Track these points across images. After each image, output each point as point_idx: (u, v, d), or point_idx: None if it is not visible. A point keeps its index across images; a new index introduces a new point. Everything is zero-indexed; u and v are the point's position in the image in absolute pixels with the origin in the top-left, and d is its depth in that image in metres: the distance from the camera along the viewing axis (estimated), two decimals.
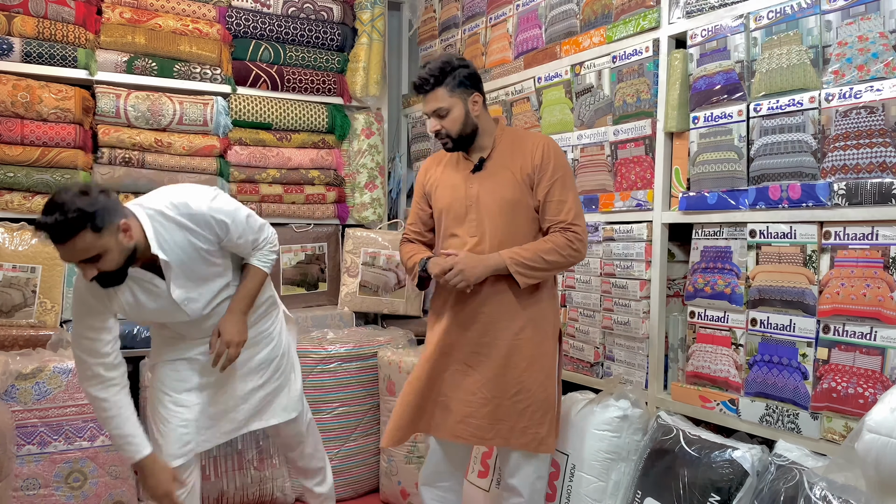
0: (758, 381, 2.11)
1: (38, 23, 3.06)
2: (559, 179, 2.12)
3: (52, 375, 2.61)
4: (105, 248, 1.84)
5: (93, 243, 1.81)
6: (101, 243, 1.83)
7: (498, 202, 2.13)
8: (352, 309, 3.60)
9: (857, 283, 1.87)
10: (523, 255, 2.07)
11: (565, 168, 2.16)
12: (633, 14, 2.54)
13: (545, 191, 2.12)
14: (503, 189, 2.13)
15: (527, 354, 2.14)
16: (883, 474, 1.51)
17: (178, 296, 2.06)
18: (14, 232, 2.96)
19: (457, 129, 2.14)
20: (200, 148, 3.35)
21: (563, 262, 2.10)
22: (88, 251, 1.82)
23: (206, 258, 2.07)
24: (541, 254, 2.07)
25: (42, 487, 2.55)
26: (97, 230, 1.80)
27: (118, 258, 1.89)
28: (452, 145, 2.18)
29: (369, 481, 3.21)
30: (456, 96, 2.13)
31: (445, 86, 2.12)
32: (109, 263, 1.88)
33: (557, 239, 2.09)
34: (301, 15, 3.67)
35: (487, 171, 2.18)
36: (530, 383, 2.13)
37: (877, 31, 1.84)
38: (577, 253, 2.11)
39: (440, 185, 2.26)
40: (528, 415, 2.13)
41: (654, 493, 2.16)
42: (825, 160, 1.95)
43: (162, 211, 1.98)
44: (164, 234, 1.98)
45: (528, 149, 2.15)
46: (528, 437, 2.13)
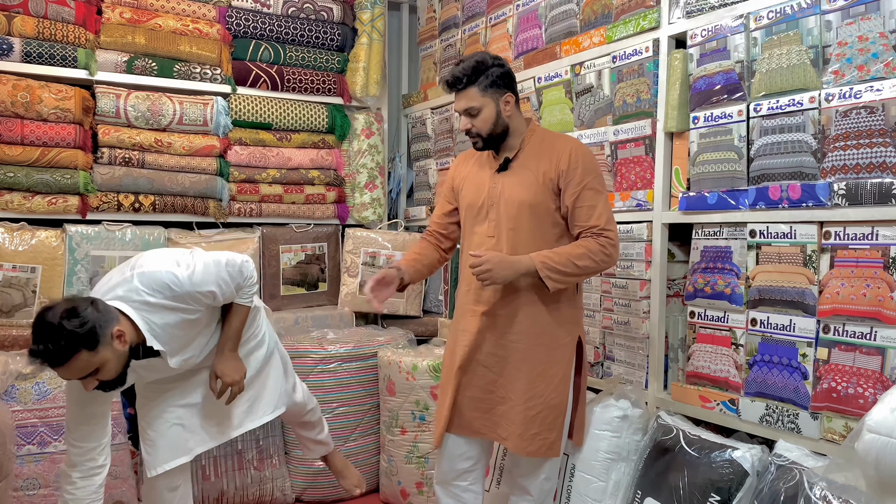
0: (758, 381, 2.11)
1: (38, 23, 3.06)
2: (589, 183, 2.08)
3: (52, 375, 2.60)
4: (102, 362, 1.83)
5: (89, 361, 1.80)
6: (97, 359, 1.82)
7: (517, 204, 2.12)
8: (352, 309, 3.60)
9: (857, 283, 1.87)
10: (554, 259, 2.03)
11: (595, 172, 2.12)
12: (633, 14, 2.55)
13: (573, 196, 2.08)
14: (524, 191, 2.11)
15: (542, 359, 2.12)
16: (883, 474, 1.51)
17: (176, 363, 2.07)
18: (14, 232, 2.96)
19: (487, 128, 2.13)
20: (200, 148, 3.35)
21: (594, 267, 2.06)
22: (87, 369, 1.81)
23: (195, 323, 2.06)
24: (573, 259, 2.03)
25: (42, 487, 2.55)
26: (92, 348, 1.79)
27: (117, 366, 1.88)
28: (483, 144, 2.17)
29: (369, 481, 3.20)
30: (488, 96, 2.11)
31: (478, 85, 2.10)
32: (109, 373, 1.87)
33: (590, 244, 2.05)
34: (301, 15, 3.67)
35: (512, 171, 2.16)
36: (543, 388, 2.11)
37: (877, 31, 1.84)
38: (609, 258, 2.07)
39: (467, 181, 2.27)
40: (539, 421, 2.11)
41: (654, 492, 2.16)
42: (825, 160, 1.95)
43: (146, 301, 1.93)
44: (156, 321, 1.95)
45: (555, 152, 2.12)
46: (537, 443, 2.11)
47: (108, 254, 3.10)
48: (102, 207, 3.17)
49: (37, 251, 2.96)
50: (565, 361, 2.15)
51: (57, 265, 3.00)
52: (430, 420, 2.90)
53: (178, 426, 2.19)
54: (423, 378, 2.91)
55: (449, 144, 3.68)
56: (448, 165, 3.69)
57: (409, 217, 4.01)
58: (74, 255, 3.04)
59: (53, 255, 2.99)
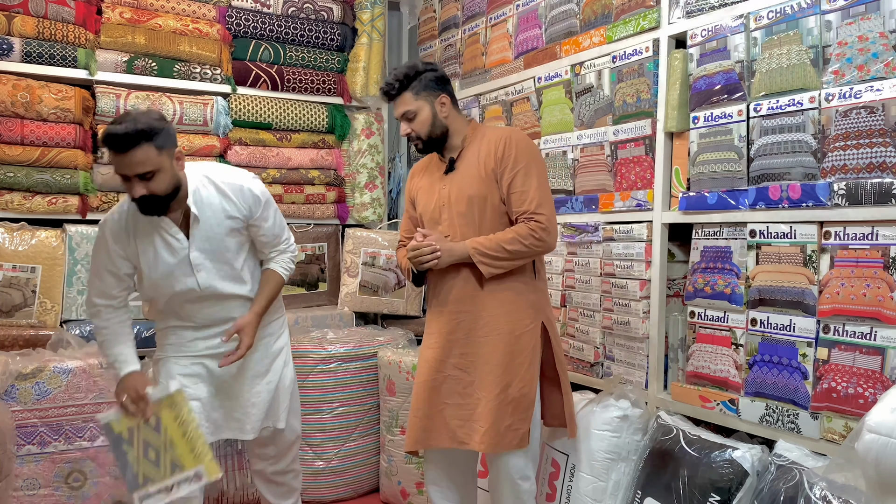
0: (758, 381, 2.11)
1: (38, 23, 3.06)
2: (522, 169, 2.12)
3: (52, 375, 2.60)
4: (160, 167, 1.96)
5: (151, 158, 1.94)
6: (157, 160, 1.95)
7: (465, 200, 2.16)
8: (352, 309, 3.60)
9: (857, 283, 1.87)
10: (486, 244, 2.09)
11: (529, 157, 2.14)
12: (633, 14, 2.54)
13: (508, 182, 2.13)
14: (469, 186, 2.16)
15: (509, 349, 2.13)
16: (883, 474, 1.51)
17: (195, 258, 2.13)
18: (14, 232, 2.96)
19: (426, 130, 2.19)
20: (200, 148, 3.35)
21: (526, 251, 2.09)
22: (145, 165, 1.93)
23: (231, 230, 2.17)
24: (502, 243, 2.07)
25: (42, 487, 2.55)
26: (158, 147, 1.95)
27: (167, 182, 2.00)
28: (423, 146, 2.23)
29: (369, 481, 3.21)
30: (422, 99, 2.18)
31: (411, 90, 2.17)
32: (159, 185, 1.98)
33: (520, 228, 2.09)
34: (301, 15, 3.67)
35: (457, 170, 2.22)
36: (511, 377, 2.12)
37: (877, 31, 1.84)
38: (542, 242, 2.09)
39: (421, 191, 2.32)
40: (511, 411, 2.11)
41: (654, 493, 2.16)
42: (825, 160, 1.95)
43: (206, 175, 2.15)
44: (202, 193, 2.13)
45: (492, 143, 2.17)
46: (510, 436, 2.10)
47: None
48: (102, 207, 3.17)
49: (37, 251, 2.96)
50: (530, 348, 2.15)
51: (57, 265, 3.00)
52: None
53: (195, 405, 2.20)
54: None
55: None
56: None
57: None
58: (74, 255, 3.04)
59: (53, 255, 2.99)
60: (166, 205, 2.04)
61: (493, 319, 2.15)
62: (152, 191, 1.98)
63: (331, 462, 3.07)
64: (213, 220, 2.14)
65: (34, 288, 2.95)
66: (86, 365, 2.67)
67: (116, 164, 1.95)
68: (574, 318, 2.78)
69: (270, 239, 2.27)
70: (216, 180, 2.15)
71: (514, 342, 2.14)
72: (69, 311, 3.04)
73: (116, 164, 1.95)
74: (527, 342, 2.15)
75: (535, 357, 2.17)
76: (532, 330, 2.17)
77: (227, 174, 2.19)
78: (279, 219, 2.29)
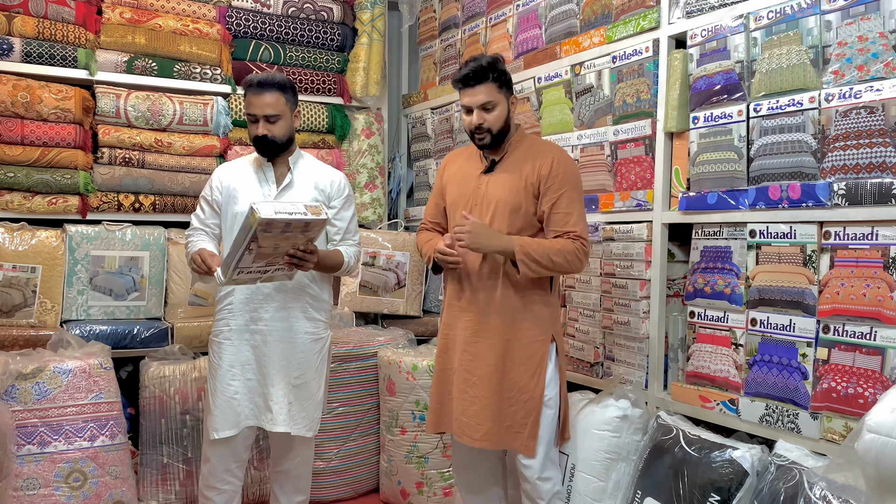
0: (758, 381, 2.11)
1: (38, 23, 3.06)
2: (567, 192, 2.15)
3: (52, 375, 2.60)
4: (282, 112, 2.36)
5: (277, 101, 2.35)
6: (281, 107, 2.36)
7: (500, 205, 2.19)
8: (352, 309, 3.60)
9: (857, 283, 1.87)
10: (534, 246, 2.10)
11: (574, 182, 2.19)
12: (633, 14, 2.55)
13: (551, 202, 2.15)
14: (507, 193, 2.18)
15: (514, 356, 2.17)
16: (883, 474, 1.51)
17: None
18: (14, 232, 2.95)
19: (498, 125, 2.18)
20: (200, 148, 3.35)
21: (566, 267, 2.13)
22: (274, 107, 2.34)
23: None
24: (550, 252, 2.10)
25: (42, 487, 2.55)
26: (285, 94, 2.36)
27: (285, 130, 2.39)
28: (490, 141, 2.20)
29: (369, 481, 3.21)
30: (502, 94, 2.19)
31: (496, 81, 2.16)
32: (279, 130, 2.37)
33: (567, 245, 2.12)
34: (301, 15, 3.67)
35: (497, 173, 2.23)
36: (514, 383, 2.16)
37: (877, 31, 1.84)
38: (581, 263, 2.15)
39: (453, 180, 2.34)
40: (511, 414, 2.15)
41: (654, 492, 2.16)
42: (825, 160, 1.95)
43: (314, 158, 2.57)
44: (306, 160, 2.52)
45: (539, 158, 2.19)
46: (510, 436, 2.16)
47: (108, 254, 3.10)
48: (102, 207, 3.17)
49: (37, 251, 2.96)
50: (537, 358, 2.17)
51: (57, 265, 3.00)
52: None
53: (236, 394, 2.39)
54: (423, 378, 2.91)
55: (449, 144, 3.68)
56: None
57: (409, 217, 4.01)
58: (74, 254, 3.04)
59: (53, 255, 2.99)
60: (279, 150, 2.40)
61: (501, 323, 2.18)
62: (273, 133, 2.35)
63: (331, 462, 3.07)
64: (303, 185, 2.44)
65: (34, 288, 2.95)
66: (86, 365, 2.67)
67: (250, 105, 2.35)
68: (574, 318, 2.78)
69: (341, 234, 2.48)
70: (320, 162, 2.56)
71: (521, 349, 2.17)
72: (69, 311, 3.03)
73: (250, 104, 2.35)
74: (535, 351, 2.18)
75: (541, 366, 2.18)
76: (541, 341, 2.19)
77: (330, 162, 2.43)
78: (354, 223, 2.54)
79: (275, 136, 2.37)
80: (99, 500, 2.64)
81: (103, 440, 2.66)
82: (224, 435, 2.36)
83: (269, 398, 2.39)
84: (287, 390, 2.39)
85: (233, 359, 2.40)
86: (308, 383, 2.43)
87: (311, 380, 2.44)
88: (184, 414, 2.89)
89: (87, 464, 2.63)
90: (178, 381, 2.90)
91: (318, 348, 2.47)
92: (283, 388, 2.39)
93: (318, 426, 2.48)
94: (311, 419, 2.44)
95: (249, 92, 2.37)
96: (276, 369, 2.39)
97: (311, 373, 2.44)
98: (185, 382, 2.91)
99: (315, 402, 2.45)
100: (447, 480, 2.92)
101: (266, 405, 2.40)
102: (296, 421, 2.40)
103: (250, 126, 2.40)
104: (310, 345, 2.44)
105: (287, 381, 2.40)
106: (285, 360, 2.40)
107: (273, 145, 2.39)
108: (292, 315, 2.41)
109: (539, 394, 2.17)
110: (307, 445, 2.54)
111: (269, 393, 2.39)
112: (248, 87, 2.37)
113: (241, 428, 2.39)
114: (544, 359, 2.18)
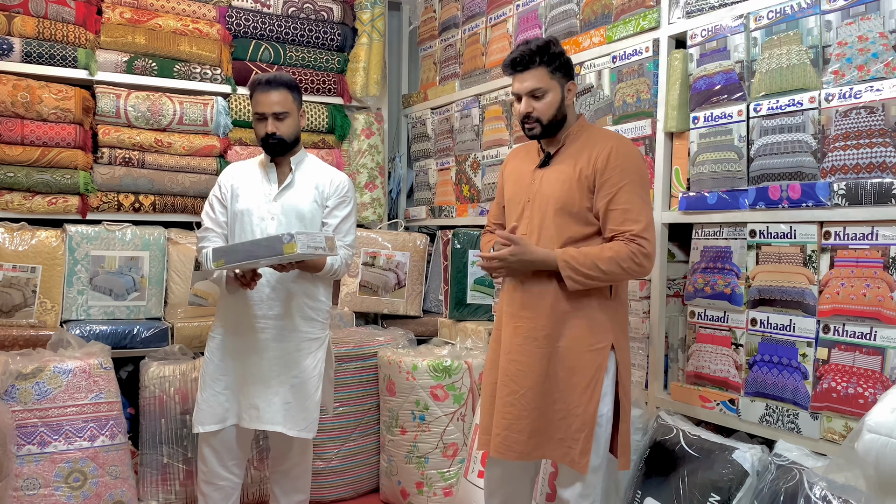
0: (758, 381, 2.11)
1: (39, 23, 3.06)
2: (627, 185, 1.94)
3: (52, 375, 2.60)
4: (291, 110, 2.39)
5: (286, 100, 2.38)
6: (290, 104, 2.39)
7: (551, 201, 2.01)
8: (352, 309, 3.60)
9: (857, 283, 1.87)
10: (579, 258, 1.92)
11: (636, 174, 1.98)
12: (633, 14, 2.55)
13: (608, 198, 1.95)
14: (559, 189, 2.01)
15: (568, 365, 1.98)
16: (883, 474, 1.51)
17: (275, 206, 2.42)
18: (14, 232, 2.95)
19: (549, 114, 2.01)
20: (200, 148, 3.35)
21: (621, 274, 1.92)
22: (282, 105, 2.37)
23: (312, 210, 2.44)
24: (597, 261, 1.91)
25: (42, 487, 2.55)
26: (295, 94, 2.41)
27: (292, 129, 2.41)
28: (540, 131, 2.03)
29: (369, 481, 3.21)
30: (555, 80, 2.01)
31: (547, 66, 1.99)
32: (287, 129, 2.39)
33: (621, 249, 1.91)
34: (301, 15, 3.67)
35: (552, 166, 2.06)
36: (567, 394, 1.98)
37: (877, 31, 1.84)
38: (640, 268, 1.92)
39: (511, 177, 2.19)
40: (564, 427, 1.97)
41: (654, 493, 2.16)
42: (825, 160, 1.95)
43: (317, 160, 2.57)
44: (306, 162, 2.52)
45: (595, 149, 2.00)
46: (562, 449, 1.98)
47: (108, 254, 3.10)
48: (102, 207, 3.17)
49: (37, 251, 2.96)
50: (594, 368, 1.97)
51: (57, 265, 3.00)
52: (430, 420, 2.90)
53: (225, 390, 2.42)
54: (423, 378, 2.91)
55: (449, 144, 3.68)
56: (448, 166, 3.69)
57: (409, 217, 4.01)
58: (74, 255, 3.04)
59: (53, 255, 2.99)
60: (287, 149, 2.42)
61: (554, 332, 1.99)
62: (281, 131, 2.37)
63: (331, 462, 3.07)
64: (303, 185, 2.45)
65: (34, 288, 2.95)
66: (86, 365, 2.67)
67: (258, 103, 2.38)
68: None
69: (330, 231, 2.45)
70: (323, 163, 2.57)
71: (573, 358, 1.98)
72: (69, 311, 3.03)
73: (258, 102, 2.38)
74: (589, 361, 1.97)
75: (597, 377, 1.96)
76: (599, 350, 1.98)
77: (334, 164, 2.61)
78: (349, 225, 2.51)
79: (283, 134, 2.39)
80: (99, 500, 2.64)
81: (103, 440, 2.66)
82: (207, 429, 2.38)
83: (260, 397, 2.38)
84: (284, 390, 2.39)
85: (226, 356, 2.42)
86: (306, 383, 2.43)
87: (308, 379, 2.43)
88: (184, 414, 2.89)
89: (87, 464, 2.63)
90: (178, 381, 2.90)
91: (315, 348, 2.47)
92: (278, 388, 2.38)
93: (316, 427, 2.47)
94: (309, 420, 2.43)
95: (258, 90, 2.38)
96: (271, 369, 2.39)
97: (309, 372, 2.44)
98: (185, 382, 2.91)
99: (313, 402, 2.45)
100: (447, 480, 2.92)
101: (255, 404, 2.39)
102: (295, 422, 2.40)
103: (257, 125, 2.41)
104: (306, 344, 2.44)
105: (283, 381, 2.39)
106: (281, 360, 2.40)
107: (281, 143, 2.40)
108: (289, 315, 2.42)
109: (593, 410, 1.95)
110: (306, 446, 2.54)
111: (260, 392, 2.38)
112: (257, 85, 2.38)
113: (226, 424, 2.40)
114: (600, 371, 1.96)
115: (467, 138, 3.50)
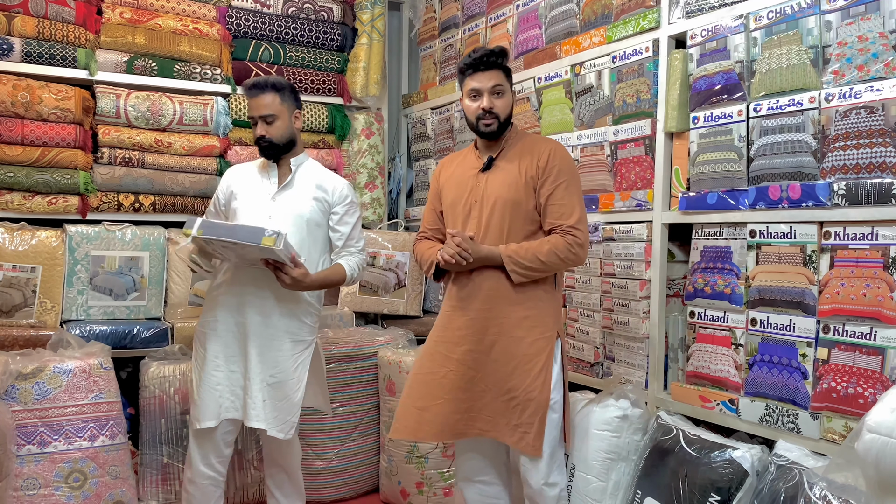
0: (758, 381, 2.11)
1: (38, 23, 3.06)
2: (564, 183, 2.14)
3: (52, 375, 2.60)
4: (280, 112, 2.40)
5: (273, 102, 2.39)
6: (278, 107, 2.40)
7: (500, 202, 2.17)
8: (352, 309, 3.60)
9: (857, 283, 1.87)
10: (521, 253, 2.10)
11: (571, 174, 2.18)
12: (633, 14, 2.55)
13: (548, 193, 2.14)
14: (506, 190, 2.16)
15: (520, 353, 2.13)
16: (883, 474, 1.51)
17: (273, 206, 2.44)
18: (14, 232, 2.95)
19: (506, 113, 2.19)
20: (200, 148, 3.35)
21: (559, 264, 2.12)
22: (269, 107, 2.39)
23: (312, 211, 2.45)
24: (537, 254, 2.09)
25: (42, 487, 2.55)
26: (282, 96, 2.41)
27: (282, 131, 2.42)
28: (497, 128, 2.20)
29: (369, 481, 3.21)
30: (508, 83, 2.21)
31: (503, 70, 2.18)
32: (276, 131, 2.41)
33: (557, 241, 2.11)
34: (301, 15, 3.67)
35: (494, 171, 2.22)
36: (520, 381, 2.11)
37: (877, 32, 1.84)
38: (576, 257, 2.12)
39: (449, 182, 2.31)
40: (518, 412, 2.11)
41: (654, 493, 2.16)
42: (825, 160, 1.95)
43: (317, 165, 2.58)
44: (308, 164, 2.54)
45: (536, 151, 2.19)
46: (517, 435, 2.11)
47: (108, 254, 3.10)
48: (102, 207, 3.17)
49: (37, 251, 2.96)
50: (544, 355, 2.13)
51: (57, 265, 3.00)
52: None
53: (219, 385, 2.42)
54: None
55: (449, 144, 3.68)
56: None
57: (409, 217, 4.01)
58: (74, 255, 3.04)
59: (53, 255, 2.99)
60: (279, 151, 2.45)
61: (507, 322, 2.15)
62: (270, 134, 2.39)
63: (331, 462, 3.07)
64: (302, 186, 2.47)
65: (34, 288, 2.95)
66: (86, 365, 2.67)
67: (249, 107, 2.43)
68: (574, 318, 2.78)
69: (344, 240, 2.51)
70: (324, 168, 2.58)
71: (527, 347, 2.13)
72: (69, 311, 3.03)
73: (250, 106, 2.43)
74: (540, 348, 2.14)
75: (548, 364, 2.13)
76: (547, 338, 2.15)
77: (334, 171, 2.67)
78: (359, 227, 2.57)
79: (272, 136, 2.41)
80: (99, 500, 2.64)
81: (103, 440, 2.66)
82: (207, 425, 2.38)
83: (247, 392, 2.40)
84: (261, 387, 2.39)
85: (217, 350, 2.43)
86: (284, 383, 2.41)
87: (287, 380, 2.41)
88: (184, 414, 2.89)
89: (87, 464, 2.63)
90: (178, 381, 2.90)
91: (299, 350, 2.45)
92: (258, 385, 2.39)
93: (291, 430, 2.43)
94: (283, 421, 2.40)
95: (248, 95, 2.44)
96: (253, 365, 2.40)
97: (288, 374, 2.42)
98: (185, 382, 2.91)
99: (290, 403, 2.42)
100: (447, 480, 2.92)
101: (244, 399, 2.41)
102: (269, 420, 2.39)
103: (252, 128, 2.46)
104: (288, 345, 2.43)
105: (262, 378, 2.39)
106: (261, 357, 2.40)
107: (272, 146, 2.43)
108: (275, 313, 2.42)
109: (546, 396, 2.11)
110: (290, 444, 2.54)
111: (247, 387, 2.40)
112: (246, 90, 2.44)
113: (221, 419, 2.40)
114: (550, 358, 2.13)
115: (467, 138, 3.50)
